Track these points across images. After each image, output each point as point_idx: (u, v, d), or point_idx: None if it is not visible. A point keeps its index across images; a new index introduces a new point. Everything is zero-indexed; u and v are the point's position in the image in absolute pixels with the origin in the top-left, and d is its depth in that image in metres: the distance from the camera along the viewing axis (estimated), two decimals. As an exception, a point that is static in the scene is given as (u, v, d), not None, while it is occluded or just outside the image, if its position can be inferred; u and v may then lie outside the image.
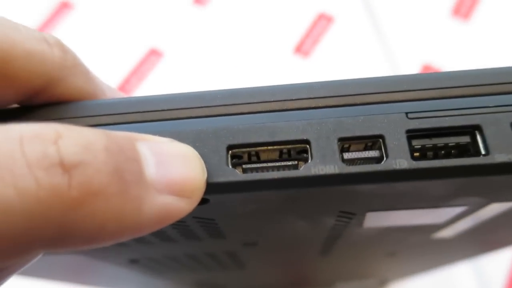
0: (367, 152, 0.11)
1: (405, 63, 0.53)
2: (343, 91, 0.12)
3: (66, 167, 0.08)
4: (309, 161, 0.11)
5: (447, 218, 0.15)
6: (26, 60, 0.11)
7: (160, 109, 0.12)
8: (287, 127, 0.11)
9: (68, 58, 0.12)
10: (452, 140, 0.11)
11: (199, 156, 0.11)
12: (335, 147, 0.11)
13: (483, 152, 0.11)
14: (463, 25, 0.54)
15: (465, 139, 0.11)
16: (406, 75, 0.12)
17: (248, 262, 0.23)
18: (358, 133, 0.11)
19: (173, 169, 0.10)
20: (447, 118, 0.11)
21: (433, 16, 0.55)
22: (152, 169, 0.10)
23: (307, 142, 0.11)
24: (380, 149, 0.11)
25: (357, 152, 0.11)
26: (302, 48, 0.54)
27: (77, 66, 0.13)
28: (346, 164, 0.11)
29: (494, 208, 0.14)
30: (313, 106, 0.12)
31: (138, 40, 0.54)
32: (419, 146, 0.11)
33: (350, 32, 0.55)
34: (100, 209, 0.08)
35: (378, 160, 0.11)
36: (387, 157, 0.11)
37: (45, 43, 0.12)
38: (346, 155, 0.11)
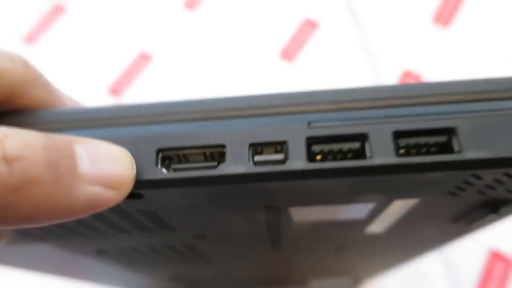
0: (274, 155, 0.13)
1: (387, 69, 0.55)
2: (258, 103, 0.14)
3: (8, 159, 0.10)
4: (224, 162, 0.13)
5: (366, 214, 0.17)
6: None
7: (103, 117, 0.14)
8: (208, 134, 0.13)
9: (29, 72, 0.14)
10: (346, 146, 0.13)
11: (130, 156, 0.13)
12: (246, 150, 0.13)
13: (368, 155, 0.13)
14: (444, 31, 0.56)
15: (356, 145, 0.13)
16: (310, 90, 0.14)
17: (210, 256, 0.25)
18: (266, 139, 0.13)
19: (104, 165, 0.12)
20: (341, 128, 0.13)
21: (415, 23, 0.57)
22: (85, 164, 0.12)
23: (223, 146, 0.13)
24: (284, 152, 0.13)
25: (267, 155, 0.13)
26: (288, 53, 0.56)
27: (38, 79, 0.15)
28: (255, 165, 0.13)
29: (401, 205, 0.16)
30: (232, 116, 0.14)
31: (129, 44, 0.56)
32: (318, 151, 0.13)
33: (334, 37, 0.57)
34: (35, 194, 0.11)
35: (282, 162, 0.13)
36: (288, 159, 0.13)
37: (9, 60, 0.14)
38: (257, 158, 0.13)
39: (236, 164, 0.13)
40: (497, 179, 0.14)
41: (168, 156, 0.14)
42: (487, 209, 0.17)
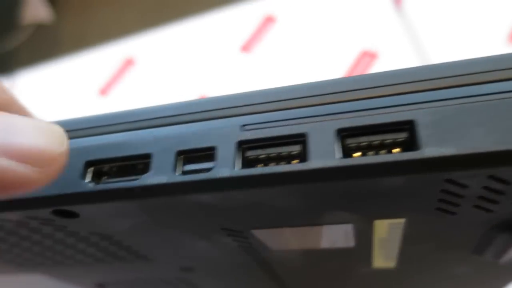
0: (205, 163, 0.12)
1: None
2: (190, 109, 0.12)
3: None
4: (148, 172, 0.12)
5: (352, 240, 0.14)
6: None
7: None
8: (135, 143, 0.12)
9: (7, 98, 0.14)
10: (285, 150, 0.11)
11: (61, 131, 0.11)
12: (172, 159, 0.12)
13: (307, 159, 0.10)
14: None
15: (297, 148, 0.11)
16: (246, 91, 0.12)
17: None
18: (194, 145, 0.12)
19: (19, 136, 0.10)
20: (278, 128, 0.11)
21: (487, 48, 0.52)
22: None
23: (149, 156, 0.12)
24: (214, 159, 0.11)
25: (196, 164, 0.12)
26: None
27: (14, 104, 0.15)
28: (183, 175, 0.11)
29: (389, 228, 0.13)
30: (163, 124, 0.13)
31: (190, 88, 0.58)
32: (254, 157, 0.11)
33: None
34: None
35: (209, 170, 0.11)
36: (215, 166, 0.11)
37: None
38: (187, 167, 0.12)
39: (159, 174, 0.11)
40: (488, 186, 0.10)
41: (100, 169, 0.13)
42: (510, 233, 0.13)
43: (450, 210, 0.12)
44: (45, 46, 0.77)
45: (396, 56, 0.54)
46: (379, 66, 0.54)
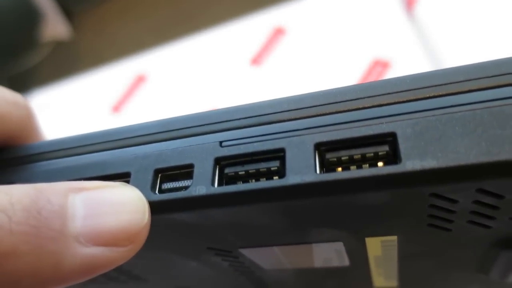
0: (182, 181, 0.11)
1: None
2: (171, 126, 0.12)
3: None
4: None
5: (345, 258, 0.14)
6: None
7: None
8: (115, 162, 0.12)
9: (30, 118, 0.15)
10: (263, 166, 0.11)
11: (141, 198, 0.11)
12: (150, 177, 0.11)
13: (285, 175, 0.10)
14: None
15: (276, 163, 0.10)
16: (226, 108, 0.12)
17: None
18: (172, 163, 0.11)
19: (104, 220, 0.10)
20: (255, 144, 0.11)
21: (504, 48, 0.50)
22: (78, 222, 0.10)
23: (128, 175, 0.12)
24: (192, 177, 0.11)
25: (175, 182, 0.11)
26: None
27: (35, 123, 0.15)
28: (161, 193, 0.11)
29: (380, 245, 0.12)
30: (143, 142, 0.12)
31: (201, 101, 0.58)
32: (232, 173, 0.11)
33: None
34: (12, 268, 0.09)
35: (186, 188, 0.11)
36: (192, 184, 0.11)
37: (15, 106, 0.14)
38: (166, 185, 0.11)
39: None
40: (479, 201, 0.10)
41: None
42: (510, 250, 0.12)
43: (444, 226, 0.11)
44: (63, 63, 0.79)
45: (409, 64, 0.53)
46: (392, 75, 0.53)
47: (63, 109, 0.63)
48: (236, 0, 0.66)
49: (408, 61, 0.54)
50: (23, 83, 0.73)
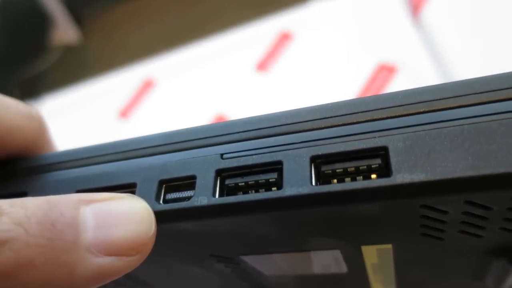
0: (185, 192, 0.12)
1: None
2: (175, 139, 0.13)
3: None
4: None
5: (344, 265, 0.14)
6: (7, 133, 0.14)
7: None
8: (122, 173, 0.12)
9: (43, 129, 0.15)
10: (263, 177, 0.11)
11: (148, 210, 0.11)
12: (155, 188, 0.12)
13: (282, 186, 0.10)
14: None
15: (274, 175, 0.11)
16: (227, 121, 0.12)
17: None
18: (175, 174, 0.12)
19: (113, 231, 0.10)
20: (255, 157, 0.11)
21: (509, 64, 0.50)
22: (89, 234, 0.10)
23: (134, 185, 0.12)
24: (194, 188, 0.11)
25: (178, 192, 0.12)
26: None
27: (47, 134, 0.16)
28: (165, 204, 0.12)
29: (375, 253, 0.13)
30: (148, 154, 0.13)
31: (207, 108, 0.59)
32: (233, 185, 0.11)
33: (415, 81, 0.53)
34: (28, 278, 0.09)
35: (188, 198, 0.11)
36: (194, 195, 0.11)
37: (28, 118, 0.15)
38: (169, 195, 0.12)
39: None
40: (468, 212, 0.10)
41: None
42: (505, 259, 0.12)
43: (436, 235, 0.11)
44: (73, 68, 0.80)
45: (415, 68, 0.53)
46: (398, 80, 0.53)
47: (71, 114, 0.64)
48: (242, 6, 0.67)
49: (414, 66, 0.54)
50: (33, 88, 0.74)
